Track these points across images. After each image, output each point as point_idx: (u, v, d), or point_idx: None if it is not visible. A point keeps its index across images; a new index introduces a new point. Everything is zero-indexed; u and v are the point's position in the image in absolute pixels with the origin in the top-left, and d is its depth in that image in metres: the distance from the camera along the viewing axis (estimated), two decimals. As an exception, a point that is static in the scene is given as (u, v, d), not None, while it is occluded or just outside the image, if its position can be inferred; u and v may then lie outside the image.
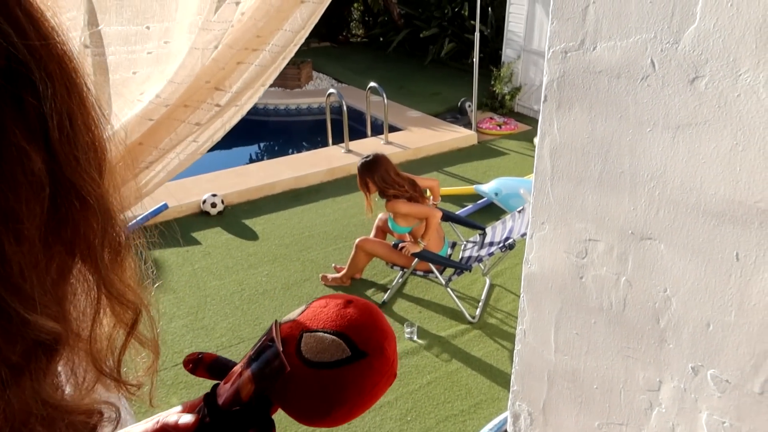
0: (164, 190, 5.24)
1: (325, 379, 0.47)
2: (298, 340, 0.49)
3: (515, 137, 7.01)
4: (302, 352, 0.48)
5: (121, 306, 0.38)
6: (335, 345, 0.48)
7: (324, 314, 0.50)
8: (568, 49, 1.27)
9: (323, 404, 0.48)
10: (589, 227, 1.34)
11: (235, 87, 0.72)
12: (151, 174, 0.76)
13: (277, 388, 0.48)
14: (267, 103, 8.57)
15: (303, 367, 0.48)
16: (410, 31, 10.50)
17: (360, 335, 0.48)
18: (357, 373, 0.47)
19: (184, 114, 0.71)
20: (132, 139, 0.70)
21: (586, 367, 1.45)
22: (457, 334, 3.62)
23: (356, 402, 0.48)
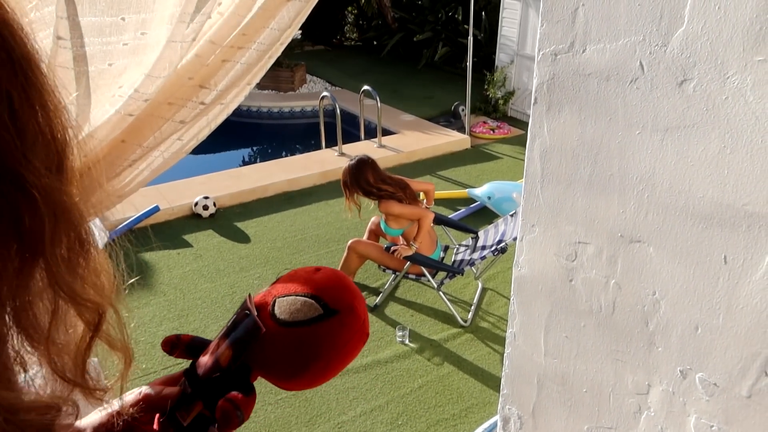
0: (156, 192, 5.23)
1: (301, 337, 0.49)
2: (272, 305, 0.51)
3: (508, 141, 7.03)
4: (276, 315, 0.50)
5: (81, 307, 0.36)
6: (308, 305, 0.50)
7: (294, 281, 0.53)
8: (558, 52, 1.27)
9: (300, 361, 0.49)
10: (578, 230, 1.34)
11: (221, 85, 0.72)
12: (134, 172, 0.75)
13: (255, 352, 0.49)
14: (260, 106, 8.56)
15: (278, 328, 0.49)
16: (404, 34, 10.52)
17: (330, 295, 0.50)
18: (330, 329, 0.49)
19: (168, 112, 0.70)
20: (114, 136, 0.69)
21: (576, 371, 1.45)
22: (449, 338, 3.61)
23: (331, 358, 0.50)
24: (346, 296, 0.51)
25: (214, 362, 0.50)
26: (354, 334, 0.51)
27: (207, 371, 0.50)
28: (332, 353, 0.50)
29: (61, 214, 0.33)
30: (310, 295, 0.51)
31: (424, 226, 3.65)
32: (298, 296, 0.51)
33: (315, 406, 3.05)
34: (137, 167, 0.74)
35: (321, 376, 0.51)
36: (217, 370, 0.50)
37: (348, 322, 0.51)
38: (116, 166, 0.71)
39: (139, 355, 3.32)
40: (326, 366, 0.50)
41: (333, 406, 3.05)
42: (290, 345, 0.49)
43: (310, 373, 0.50)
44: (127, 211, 4.83)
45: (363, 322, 0.52)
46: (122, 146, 0.70)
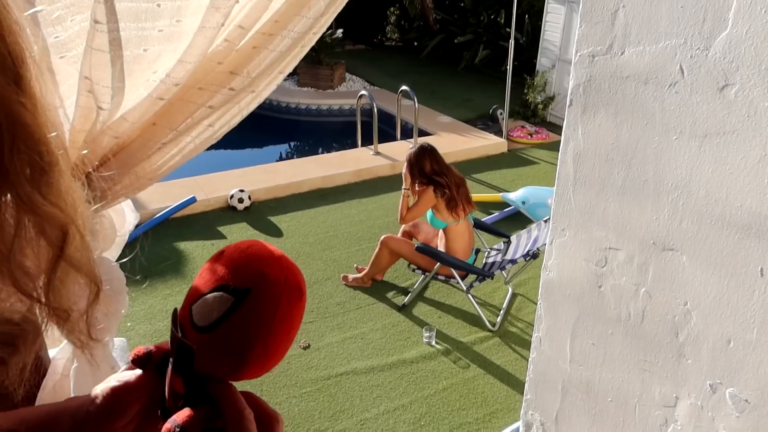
0: (193, 183, 5.33)
1: (225, 335, 0.45)
2: (190, 315, 0.47)
3: (546, 147, 6.93)
4: (196, 324, 0.47)
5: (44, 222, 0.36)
6: (217, 299, 0.46)
7: (201, 280, 0.49)
8: (596, 53, 1.25)
9: (236, 358, 0.46)
10: (609, 235, 1.32)
11: (252, 73, 0.73)
12: (165, 156, 0.77)
13: (199, 367, 0.46)
14: (299, 103, 8.65)
15: (202, 337, 0.46)
16: (445, 36, 10.49)
17: (236, 276, 0.46)
18: (248, 312, 0.45)
19: (199, 97, 0.72)
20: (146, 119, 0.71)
21: (602, 379, 1.42)
22: (476, 341, 3.58)
23: (267, 335, 0.46)
24: (252, 267, 0.47)
25: (171, 393, 0.48)
26: (279, 299, 0.46)
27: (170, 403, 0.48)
28: (264, 331, 0.46)
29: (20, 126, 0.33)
30: (217, 287, 0.47)
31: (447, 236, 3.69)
32: (206, 294, 0.47)
33: (339, 401, 3.07)
34: (168, 151, 0.76)
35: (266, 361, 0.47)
36: (179, 398, 0.48)
37: (264, 294, 0.46)
38: (147, 148, 0.73)
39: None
40: (265, 349, 0.46)
41: (357, 403, 3.06)
42: (221, 347, 0.46)
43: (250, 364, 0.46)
44: (166, 201, 4.95)
45: (284, 282, 0.46)
46: (153, 129, 0.72)
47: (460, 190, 3.71)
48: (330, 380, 3.20)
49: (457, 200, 3.67)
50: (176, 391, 0.47)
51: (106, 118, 0.67)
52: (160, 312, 3.69)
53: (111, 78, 0.60)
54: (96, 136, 0.69)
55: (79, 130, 0.69)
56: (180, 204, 4.96)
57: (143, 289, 3.87)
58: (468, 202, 3.76)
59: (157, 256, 4.38)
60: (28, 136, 0.35)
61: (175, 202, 4.95)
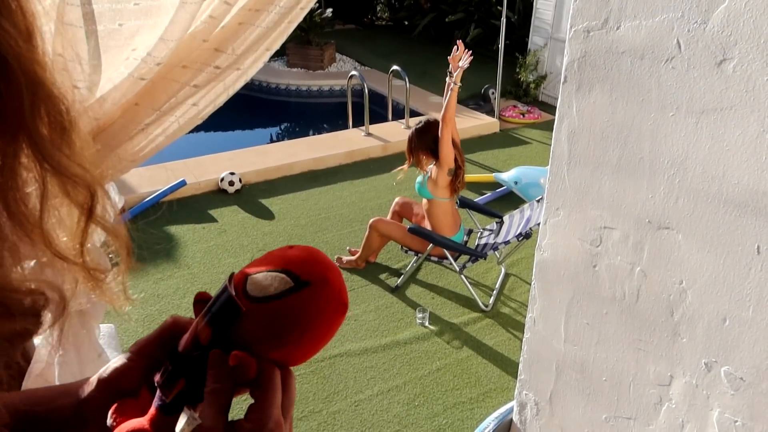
0: (183, 166, 5.27)
1: (272, 311, 0.48)
2: (244, 283, 0.50)
3: (538, 126, 6.91)
4: (248, 291, 0.50)
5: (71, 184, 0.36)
6: (278, 279, 0.49)
7: (267, 259, 0.52)
8: (591, 28, 1.23)
9: (275, 335, 0.49)
10: (604, 214, 1.30)
11: (238, 49, 0.70)
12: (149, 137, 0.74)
13: (234, 331, 0.49)
14: (289, 84, 8.56)
15: (250, 305, 0.49)
16: (436, 15, 10.37)
17: (302, 268, 0.50)
18: (301, 301, 0.49)
19: (182, 75, 0.69)
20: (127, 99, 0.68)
21: (596, 359, 1.42)
22: (470, 322, 3.59)
23: (305, 330, 0.49)
24: (318, 268, 0.51)
25: (193, 340, 0.50)
26: (329, 304, 0.50)
27: (186, 348, 0.50)
28: (306, 325, 0.49)
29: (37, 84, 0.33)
30: (281, 270, 0.50)
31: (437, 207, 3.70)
32: (270, 272, 0.50)
33: (333, 383, 3.07)
34: (152, 132, 0.73)
35: (298, 350, 0.50)
36: (197, 347, 0.49)
37: (321, 293, 0.50)
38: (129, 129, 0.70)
39: (163, 326, 3.37)
40: (301, 339, 0.49)
41: (350, 384, 3.06)
42: (263, 321, 0.49)
43: (286, 347, 0.49)
44: (155, 185, 4.90)
45: (338, 292, 0.51)
46: (135, 109, 0.69)
47: (463, 177, 3.74)
48: (324, 362, 3.20)
49: (459, 185, 3.69)
50: (199, 340, 0.49)
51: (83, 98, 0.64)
52: (152, 296, 3.67)
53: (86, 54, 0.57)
54: (74, 116, 0.66)
55: (56, 111, 0.65)
56: (170, 187, 4.91)
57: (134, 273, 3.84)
58: (463, 184, 3.78)
59: (147, 240, 4.32)
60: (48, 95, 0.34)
61: (164, 185, 4.90)
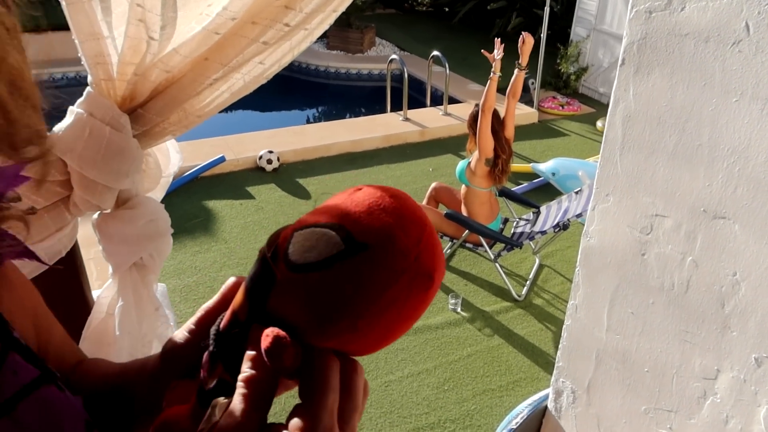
0: (223, 143, 5.34)
1: (314, 284, 0.35)
2: (289, 241, 0.37)
3: (577, 119, 6.78)
4: (288, 255, 0.36)
5: None
6: (324, 238, 0.36)
7: (326, 206, 0.38)
8: (654, 9, 1.19)
9: (319, 317, 0.36)
10: (657, 202, 1.27)
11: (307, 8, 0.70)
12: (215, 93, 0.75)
13: (272, 304, 0.37)
14: (328, 66, 8.57)
15: (288, 273, 0.36)
16: (478, 2, 10.22)
17: (360, 223, 0.36)
18: (353, 273, 0.35)
19: (251, 32, 0.69)
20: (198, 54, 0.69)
21: (639, 349, 1.39)
22: (502, 311, 3.57)
23: (362, 313, 0.35)
24: (383, 222, 0.36)
25: (232, 316, 0.39)
26: (396, 275, 0.35)
27: (225, 326, 0.40)
28: (361, 308, 0.35)
29: None
30: (333, 225, 0.36)
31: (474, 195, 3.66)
32: (318, 227, 0.36)
33: (363, 363, 3.03)
34: (218, 88, 0.74)
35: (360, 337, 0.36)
36: (235, 325, 0.39)
37: (383, 260, 0.35)
38: (197, 84, 0.71)
39: (199, 298, 3.44)
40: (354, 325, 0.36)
41: (381, 365, 3.09)
42: (303, 296, 0.36)
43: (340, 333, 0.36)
44: (195, 160, 4.97)
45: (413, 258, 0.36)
46: (205, 64, 0.70)
47: (507, 167, 3.68)
48: (354, 342, 3.23)
49: (500, 176, 3.64)
50: (238, 316, 0.39)
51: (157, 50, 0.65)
52: (189, 268, 3.74)
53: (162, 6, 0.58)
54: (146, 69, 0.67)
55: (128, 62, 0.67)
56: (209, 163, 4.98)
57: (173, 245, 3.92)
58: (505, 179, 3.74)
59: (187, 213, 4.42)
60: None
61: (204, 160, 4.98)
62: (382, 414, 2.80)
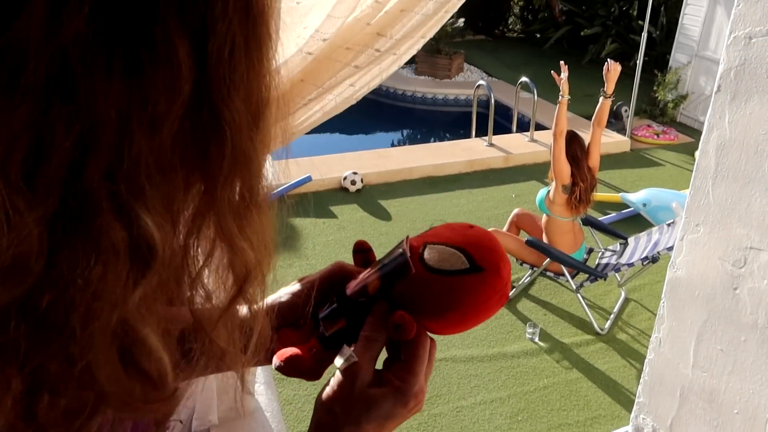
0: (309, 163, 5.54)
1: (444, 285, 0.51)
2: (422, 249, 0.53)
3: (674, 149, 6.49)
4: (425, 260, 0.52)
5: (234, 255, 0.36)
6: (456, 257, 0.52)
7: (448, 232, 0.54)
8: (754, 35, 1.15)
9: (438, 308, 0.51)
10: (752, 234, 1.21)
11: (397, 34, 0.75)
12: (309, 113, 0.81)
13: (400, 289, 0.52)
14: (415, 91, 8.70)
15: (424, 272, 0.52)
16: (570, 28, 10.08)
17: (479, 253, 0.52)
18: (472, 284, 0.51)
19: (345, 56, 0.74)
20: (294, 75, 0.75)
21: (728, 389, 1.32)
22: (582, 344, 3.45)
23: (467, 311, 0.52)
24: (493, 257, 0.52)
25: (362, 288, 0.54)
26: (494, 294, 0.52)
27: (354, 294, 0.54)
28: (469, 308, 0.52)
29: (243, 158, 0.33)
30: (460, 248, 0.52)
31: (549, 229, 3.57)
32: (448, 246, 0.53)
33: (436, 386, 3.08)
34: (311, 108, 0.79)
35: (453, 326, 0.53)
36: (363, 295, 0.53)
37: (491, 281, 0.51)
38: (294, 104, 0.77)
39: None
40: (461, 319, 0.52)
41: (453, 390, 3.06)
42: (432, 291, 0.51)
43: (444, 320, 0.52)
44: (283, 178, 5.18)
45: (505, 284, 0.53)
46: (300, 85, 0.76)
47: (587, 196, 3.56)
48: (428, 364, 3.22)
49: (578, 205, 3.53)
50: (367, 289, 0.53)
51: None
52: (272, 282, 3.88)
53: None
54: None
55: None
56: (296, 182, 5.18)
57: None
58: (585, 208, 3.62)
59: (273, 229, 4.61)
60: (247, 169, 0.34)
61: (291, 179, 5.18)
62: (453, 439, 2.77)
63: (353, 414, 0.49)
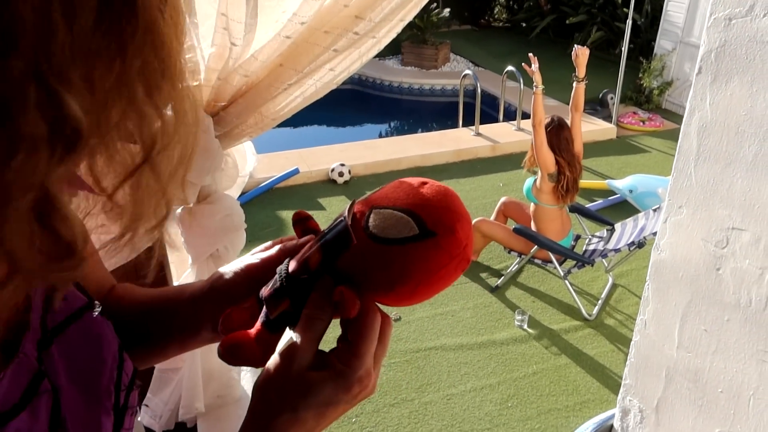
0: (297, 155, 5.51)
1: (390, 255, 0.46)
2: (367, 216, 0.47)
3: (659, 135, 6.53)
4: (369, 228, 0.47)
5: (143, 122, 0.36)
6: (403, 222, 0.46)
7: (396, 193, 0.48)
8: (734, 16, 1.16)
9: (386, 280, 0.46)
10: (734, 214, 1.22)
11: (376, 18, 0.74)
12: (289, 98, 0.80)
13: (344, 262, 0.47)
14: (402, 82, 8.68)
15: (369, 242, 0.46)
16: (556, 17, 10.09)
17: (430, 215, 0.46)
18: (423, 252, 0.45)
19: (324, 40, 0.74)
20: (273, 59, 0.74)
21: (712, 368, 1.33)
22: (570, 330, 3.48)
23: (421, 281, 0.46)
24: (447, 217, 0.47)
25: (303, 263, 0.49)
26: (451, 259, 0.46)
27: (296, 271, 0.49)
28: (422, 279, 0.46)
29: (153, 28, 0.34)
30: (409, 211, 0.46)
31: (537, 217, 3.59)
32: (395, 210, 0.47)
33: (426, 375, 3.09)
34: (292, 93, 0.79)
35: (407, 299, 0.48)
36: (305, 271, 0.49)
37: (446, 246, 0.46)
38: (273, 89, 0.77)
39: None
40: (414, 290, 0.47)
41: (444, 378, 3.08)
42: (378, 263, 0.46)
43: (395, 294, 0.47)
44: (270, 171, 5.16)
45: (464, 247, 0.47)
46: (280, 70, 0.75)
47: (575, 186, 3.58)
48: (419, 353, 3.24)
49: (566, 193, 3.55)
50: (308, 265, 0.48)
51: (238, 55, 0.71)
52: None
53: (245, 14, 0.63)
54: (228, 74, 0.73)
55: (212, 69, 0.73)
56: (284, 175, 5.15)
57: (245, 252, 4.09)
58: (573, 196, 3.64)
59: (261, 222, 4.59)
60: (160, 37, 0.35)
61: (279, 172, 5.16)
62: (443, 427, 2.79)
63: (289, 400, 0.45)
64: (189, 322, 0.56)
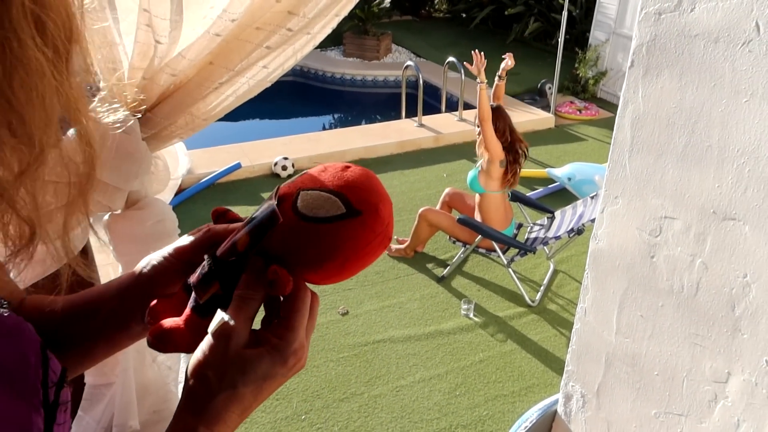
0: (238, 149, 5.39)
1: (319, 233, 0.48)
2: (295, 197, 0.50)
3: (595, 123, 6.74)
4: (298, 208, 0.49)
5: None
6: (331, 202, 0.49)
7: (322, 176, 0.51)
8: (663, 11, 1.19)
9: (316, 257, 0.49)
10: (666, 204, 1.27)
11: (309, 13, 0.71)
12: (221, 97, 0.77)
13: (273, 242, 0.49)
14: (344, 73, 8.62)
15: (298, 221, 0.49)
16: (495, 8, 10.23)
17: (356, 195, 0.49)
18: (350, 229, 0.48)
19: (256, 37, 0.71)
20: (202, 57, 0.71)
21: (648, 352, 1.38)
22: (515, 316, 3.55)
23: (348, 258, 0.49)
24: (371, 197, 0.50)
25: (231, 245, 0.51)
26: (375, 236, 0.50)
27: (224, 253, 0.51)
28: (349, 255, 0.49)
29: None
30: (335, 192, 0.50)
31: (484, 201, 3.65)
32: (323, 191, 0.50)
33: (375, 368, 3.10)
34: (224, 92, 0.75)
35: (335, 275, 0.51)
36: (233, 254, 0.50)
37: (370, 224, 0.49)
38: (204, 88, 0.73)
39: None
40: (342, 266, 0.50)
41: (393, 370, 3.09)
42: (307, 240, 0.49)
43: (323, 270, 0.50)
44: (212, 166, 5.03)
45: (386, 225, 0.51)
46: (210, 69, 0.72)
47: (520, 165, 3.67)
48: (367, 347, 3.24)
49: (513, 178, 3.63)
50: (236, 247, 0.50)
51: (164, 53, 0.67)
52: (204, 273, 3.78)
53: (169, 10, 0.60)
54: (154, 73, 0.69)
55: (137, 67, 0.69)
56: (225, 169, 5.03)
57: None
58: (516, 180, 3.72)
59: (203, 219, 4.47)
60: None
61: (220, 167, 5.03)
62: (393, 419, 2.80)
63: (228, 378, 0.46)
64: (115, 317, 0.55)
